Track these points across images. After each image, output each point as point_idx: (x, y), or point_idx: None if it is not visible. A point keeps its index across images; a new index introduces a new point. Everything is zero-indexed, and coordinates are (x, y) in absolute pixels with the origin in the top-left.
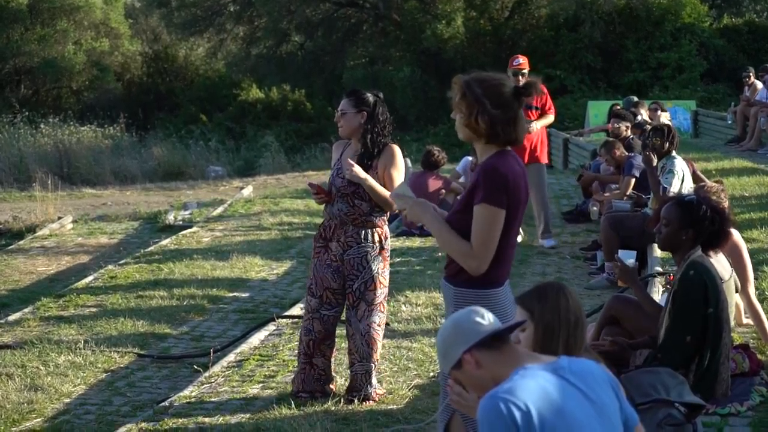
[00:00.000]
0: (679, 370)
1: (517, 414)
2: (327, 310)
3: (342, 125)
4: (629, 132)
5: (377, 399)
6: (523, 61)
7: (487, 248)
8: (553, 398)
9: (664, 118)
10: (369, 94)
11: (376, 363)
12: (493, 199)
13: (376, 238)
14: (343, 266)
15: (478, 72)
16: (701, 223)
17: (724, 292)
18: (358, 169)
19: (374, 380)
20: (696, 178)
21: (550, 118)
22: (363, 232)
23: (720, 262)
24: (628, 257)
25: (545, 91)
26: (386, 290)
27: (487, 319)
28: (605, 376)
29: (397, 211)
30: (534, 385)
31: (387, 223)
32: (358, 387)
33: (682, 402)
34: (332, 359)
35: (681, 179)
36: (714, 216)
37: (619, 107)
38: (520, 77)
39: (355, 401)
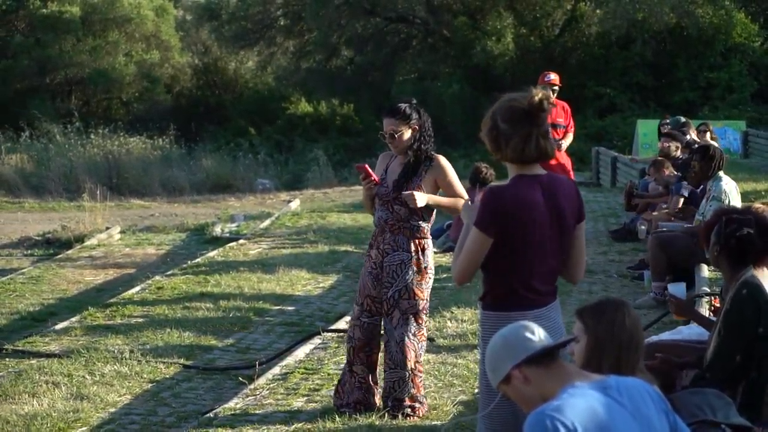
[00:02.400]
0: (726, 390)
1: None
2: (366, 317)
3: (396, 145)
4: (679, 152)
5: (419, 413)
6: (554, 77)
7: (462, 265)
8: (601, 418)
9: (711, 139)
10: (407, 106)
11: (411, 372)
12: (479, 222)
13: (412, 248)
14: (381, 273)
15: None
16: (725, 241)
17: None
18: (419, 196)
19: (411, 389)
20: None
21: (570, 137)
22: (399, 239)
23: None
24: (679, 290)
25: (568, 109)
26: (424, 303)
27: (537, 335)
28: (654, 396)
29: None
30: (582, 404)
31: (429, 235)
32: (390, 392)
33: (729, 423)
34: (376, 368)
35: (727, 204)
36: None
37: (668, 127)
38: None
39: (399, 416)
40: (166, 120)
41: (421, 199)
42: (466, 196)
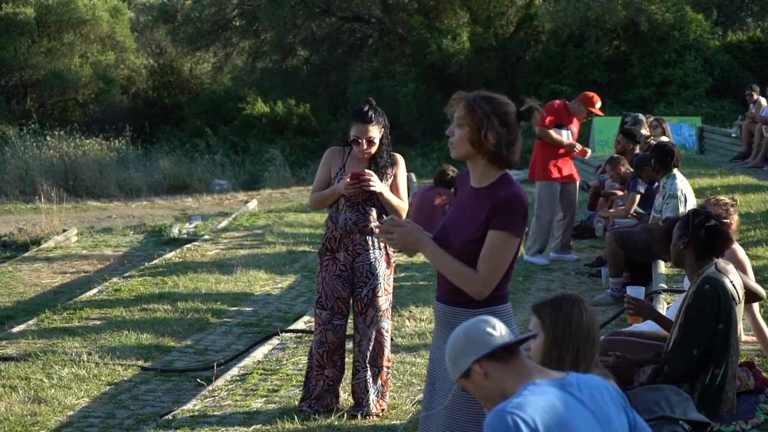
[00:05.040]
0: (684, 385)
1: (525, 430)
2: (338, 320)
3: (371, 151)
4: (638, 149)
5: (380, 410)
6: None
7: (497, 275)
8: (561, 416)
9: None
10: (370, 108)
11: (384, 369)
12: (516, 228)
13: (382, 245)
14: (352, 274)
15: (482, 91)
16: (695, 231)
17: (735, 308)
18: (376, 181)
19: (382, 387)
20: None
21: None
22: (370, 238)
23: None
24: (638, 292)
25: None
26: (391, 297)
27: (498, 330)
28: (613, 392)
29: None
30: (543, 402)
31: None
32: (362, 395)
33: (687, 419)
34: (343, 372)
35: (684, 201)
36: (714, 226)
37: (627, 124)
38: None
39: (359, 416)
40: (123, 121)
41: (379, 185)
42: (405, 205)
